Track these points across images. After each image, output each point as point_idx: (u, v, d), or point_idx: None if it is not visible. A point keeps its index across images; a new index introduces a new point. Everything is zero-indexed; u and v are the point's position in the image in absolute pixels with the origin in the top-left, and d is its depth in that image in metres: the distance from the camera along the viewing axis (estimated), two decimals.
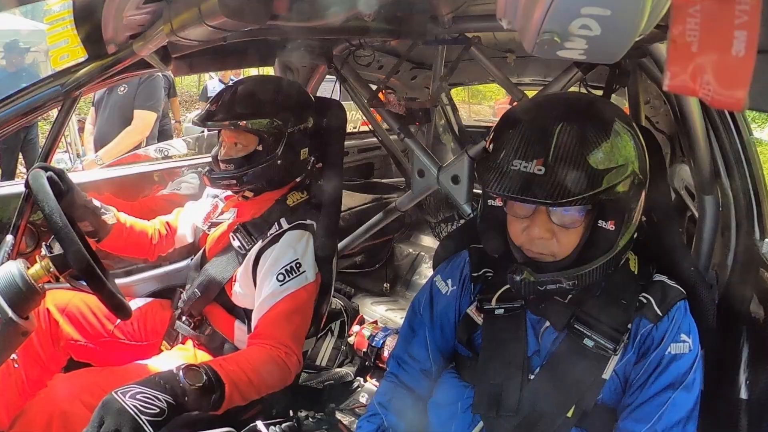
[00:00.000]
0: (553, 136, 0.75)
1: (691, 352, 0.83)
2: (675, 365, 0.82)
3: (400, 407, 0.98)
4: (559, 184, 0.73)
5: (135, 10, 1.06)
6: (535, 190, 0.74)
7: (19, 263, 0.95)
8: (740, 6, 0.37)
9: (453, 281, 1.01)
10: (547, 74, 2.10)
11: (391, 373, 1.04)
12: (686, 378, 0.81)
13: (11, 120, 1.23)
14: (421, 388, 1.00)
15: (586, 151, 0.75)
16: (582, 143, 0.75)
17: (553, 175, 0.74)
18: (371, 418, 0.99)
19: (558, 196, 0.73)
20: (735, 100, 0.39)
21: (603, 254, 0.81)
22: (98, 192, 1.55)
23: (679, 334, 0.83)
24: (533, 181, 0.74)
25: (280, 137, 1.32)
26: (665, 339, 0.83)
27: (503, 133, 0.81)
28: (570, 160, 0.74)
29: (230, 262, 1.35)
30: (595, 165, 0.75)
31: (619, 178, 0.76)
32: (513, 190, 0.75)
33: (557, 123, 0.76)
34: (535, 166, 0.74)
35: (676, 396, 0.80)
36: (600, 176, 0.75)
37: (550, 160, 0.74)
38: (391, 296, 2.61)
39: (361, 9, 1.01)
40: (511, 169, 0.76)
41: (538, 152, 0.75)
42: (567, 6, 0.46)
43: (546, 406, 0.84)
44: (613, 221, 0.79)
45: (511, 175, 0.76)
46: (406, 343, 1.04)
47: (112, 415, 0.86)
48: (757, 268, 1.06)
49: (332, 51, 1.78)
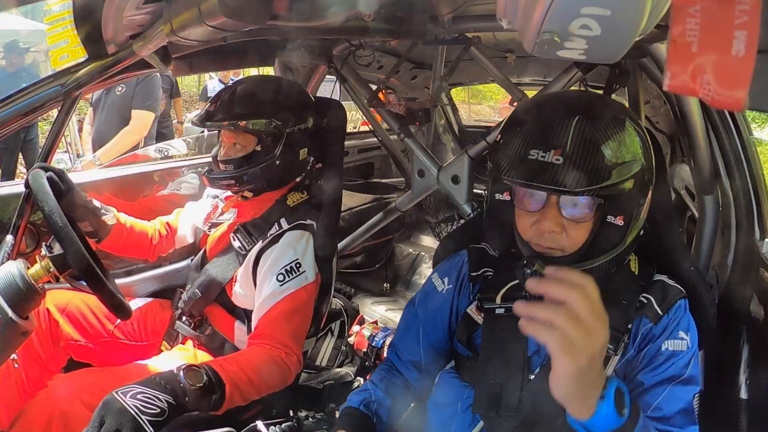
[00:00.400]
0: (570, 128, 0.77)
1: (689, 350, 0.83)
2: (672, 361, 0.82)
3: (389, 386, 1.02)
4: (576, 174, 0.75)
5: (135, 10, 1.06)
6: (552, 178, 0.75)
7: (19, 263, 0.95)
8: (740, 6, 0.37)
9: (449, 280, 1.01)
10: (547, 74, 2.10)
11: (388, 359, 1.08)
12: (684, 373, 0.81)
13: (11, 120, 1.23)
14: (412, 377, 1.03)
15: (601, 143, 0.77)
16: (598, 136, 0.77)
17: (570, 164, 0.75)
18: (360, 392, 1.03)
19: (575, 185, 0.75)
20: (735, 100, 0.39)
21: (612, 248, 0.82)
22: (98, 192, 1.55)
23: (677, 331, 0.84)
24: (551, 169, 0.76)
25: (279, 137, 1.32)
26: (663, 334, 0.83)
27: (518, 124, 0.83)
28: (586, 152, 0.76)
29: (231, 262, 1.35)
30: (609, 158, 0.77)
31: (631, 172, 0.78)
32: (530, 177, 0.76)
33: (573, 116, 0.78)
34: (552, 156, 0.76)
35: (672, 389, 0.80)
36: (613, 169, 0.76)
37: (567, 151, 0.76)
38: (391, 296, 2.61)
39: (361, 9, 1.01)
40: (529, 158, 0.77)
41: (555, 143, 0.77)
42: (567, 6, 0.46)
43: (546, 406, 0.84)
44: (622, 216, 0.81)
45: (528, 164, 0.77)
46: (401, 335, 1.07)
47: (113, 414, 0.86)
48: (757, 268, 1.06)
49: (332, 51, 1.78)
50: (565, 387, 0.63)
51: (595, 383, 0.65)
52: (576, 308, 0.59)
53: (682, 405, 0.80)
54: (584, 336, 0.59)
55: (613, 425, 0.66)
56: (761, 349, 0.99)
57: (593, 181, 0.75)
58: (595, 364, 0.62)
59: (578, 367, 0.60)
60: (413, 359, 1.03)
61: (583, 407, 0.65)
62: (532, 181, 0.77)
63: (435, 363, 1.02)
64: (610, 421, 0.65)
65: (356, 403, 0.99)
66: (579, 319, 0.59)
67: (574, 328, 0.58)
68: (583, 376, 0.61)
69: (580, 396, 0.64)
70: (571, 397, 0.64)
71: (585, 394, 0.64)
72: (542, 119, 0.80)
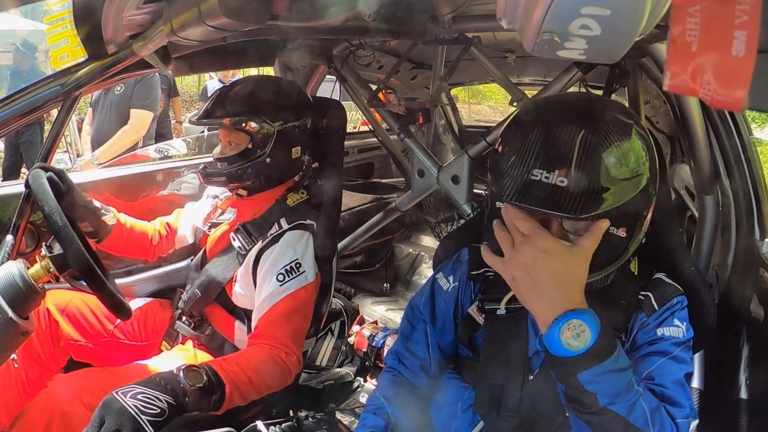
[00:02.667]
0: (575, 146, 0.73)
1: (683, 337, 0.82)
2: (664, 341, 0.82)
3: (404, 403, 0.98)
4: (582, 197, 0.72)
5: (135, 10, 1.06)
6: (557, 203, 0.72)
7: (19, 263, 0.95)
8: (740, 6, 0.37)
9: (454, 278, 1.01)
10: (547, 74, 2.10)
11: (391, 368, 1.04)
12: (675, 351, 0.81)
13: (11, 120, 1.23)
14: (421, 384, 1.00)
15: (608, 161, 0.73)
16: (604, 152, 0.73)
17: (575, 187, 0.72)
18: (378, 411, 0.97)
19: (581, 210, 0.72)
20: (735, 100, 0.39)
21: (615, 260, 0.81)
22: (98, 192, 1.55)
23: (672, 319, 0.83)
24: (556, 193, 0.72)
25: (270, 136, 1.33)
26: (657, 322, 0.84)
27: (517, 135, 0.79)
28: (592, 172, 0.72)
29: (231, 262, 1.35)
30: (616, 176, 0.73)
31: (638, 188, 0.76)
32: (535, 202, 0.73)
33: (578, 131, 0.74)
34: (557, 177, 0.72)
35: (665, 361, 0.80)
36: (621, 187, 0.74)
37: (572, 172, 0.72)
38: (391, 296, 2.61)
39: (361, 9, 1.00)
40: (531, 179, 0.74)
41: (559, 162, 0.73)
42: (567, 6, 0.46)
43: (546, 407, 0.85)
44: (624, 228, 0.79)
45: (532, 185, 0.74)
46: (405, 340, 1.04)
47: (113, 414, 0.86)
48: (757, 268, 1.06)
49: (332, 51, 1.78)
50: (517, 293, 0.76)
51: (553, 299, 0.72)
52: (511, 232, 0.75)
53: (676, 377, 0.79)
54: (510, 252, 0.75)
55: (561, 352, 0.70)
56: (761, 349, 0.99)
57: (598, 203, 0.72)
58: (545, 277, 0.71)
59: (511, 276, 0.75)
60: (422, 364, 1.00)
61: (540, 321, 0.73)
62: (537, 206, 0.73)
63: (442, 364, 1.01)
64: (556, 347, 0.70)
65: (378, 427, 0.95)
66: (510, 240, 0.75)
67: (504, 245, 0.76)
68: (523, 285, 0.74)
69: (535, 308, 0.74)
70: (528, 305, 0.75)
71: (540, 307, 0.73)
72: (545, 132, 0.75)
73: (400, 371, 1.02)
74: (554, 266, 0.72)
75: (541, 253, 0.72)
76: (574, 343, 0.69)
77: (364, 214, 2.33)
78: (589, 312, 0.70)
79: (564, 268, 0.72)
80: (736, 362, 1.02)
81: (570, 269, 0.73)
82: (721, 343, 1.02)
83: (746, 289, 1.08)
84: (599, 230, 0.74)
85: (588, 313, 0.70)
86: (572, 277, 0.73)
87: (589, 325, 0.69)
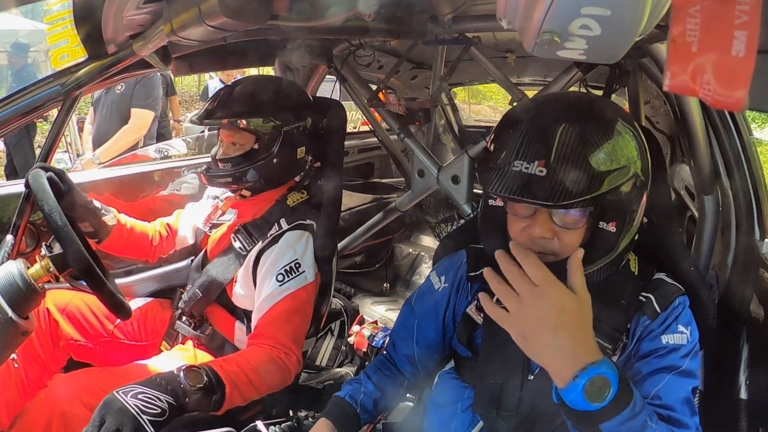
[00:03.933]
0: (555, 137, 0.74)
1: (688, 343, 0.82)
2: (671, 353, 0.81)
3: (381, 378, 1.03)
4: (560, 186, 0.73)
5: (135, 10, 1.06)
6: (535, 192, 0.73)
7: (19, 263, 0.95)
8: (740, 6, 0.37)
9: (447, 279, 1.01)
10: (547, 74, 2.10)
11: (386, 350, 1.09)
12: (682, 365, 0.80)
13: (11, 120, 1.23)
14: (406, 370, 1.04)
15: (588, 152, 0.74)
16: (584, 144, 0.74)
17: (554, 176, 0.73)
18: (352, 381, 1.04)
19: (559, 198, 0.73)
20: (735, 100, 0.39)
21: (604, 255, 0.81)
22: (98, 192, 1.55)
23: (676, 325, 0.83)
24: (534, 182, 0.74)
25: (277, 136, 1.32)
26: (661, 329, 0.83)
27: (504, 132, 0.81)
28: (571, 162, 0.73)
29: (231, 263, 1.35)
30: (597, 166, 0.74)
31: (622, 179, 0.76)
32: (513, 191, 0.75)
33: (559, 123, 0.75)
34: (536, 167, 0.74)
35: (671, 378, 0.79)
36: (602, 178, 0.74)
37: (551, 162, 0.73)
38: (391, 296, 2.61)
39: (361, 9, 1.00)
40: (512, 169, 0.75)
41: (539, 153, 0.74)
42: (567, 6, 0.46)
43: (545, 406, 0.84)
44: (614, 222, 0.79)
45: (512, 176, 0.75)
46: (398, 329, 1.08)
47: (114, 414, 0.86)
48: (757, 268, 1.06)
49: (332, 51, 1.78)
50: (527, 350, 0.71)
51: (570, 355, 0.68)
52: (514, 284, 0.70)
53: (683, 395, 0.79)
54: (518, 306, 0.69)
55: (584, 407, 0.67)
56: (761, 349, 0.99)
57: (579, 192, 0.73)
58: (561, 333, 0.67)
59: (521, 332, 0.70)
60: (407, 354, 1.04)
61: (557, 377, 0.69)
62: (516, 194, 0.74)
63: (428, 359, 1.03)
64: (579, 403, 0.67)
65: (344, 394, 1.00)
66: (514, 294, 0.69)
67: (508, 300, 0.70)
68: (537, 342, 0.69)
69: (550, 364, 0.69)
70: (541, 361, 0.71)
71: (557, 364, 0.69)
72: (527, 126, 0.77)
73: (391, 354, 1.07)
74: (570, 320, 0.68)
75: (556, 308, 0.68)
76: (596, 397, 0.67)
77: (364, 214, 2.33)
78: (606, 362, 0.68)
79: (579, 321, 0.69)
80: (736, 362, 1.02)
81: (583, 321, 0.70)
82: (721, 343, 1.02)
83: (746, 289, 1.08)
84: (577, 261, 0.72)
85: (605, 363, 0.68)
86: (586, 328, 0.70)
87: (609, 376, 0.67)
